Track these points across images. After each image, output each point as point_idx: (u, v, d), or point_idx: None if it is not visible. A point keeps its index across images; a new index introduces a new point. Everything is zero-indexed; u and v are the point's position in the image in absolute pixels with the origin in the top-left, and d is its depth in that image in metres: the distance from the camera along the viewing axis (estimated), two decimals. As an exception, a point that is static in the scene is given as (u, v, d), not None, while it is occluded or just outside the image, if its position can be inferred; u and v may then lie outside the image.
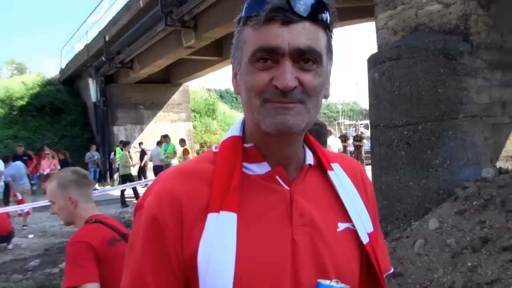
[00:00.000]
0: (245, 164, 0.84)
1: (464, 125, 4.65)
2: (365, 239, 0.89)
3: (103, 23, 17.82)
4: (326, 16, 0.79)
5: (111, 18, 16.69)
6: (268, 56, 0.77)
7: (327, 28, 0.81)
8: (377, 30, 5.75)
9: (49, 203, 2.20)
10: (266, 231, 0.80)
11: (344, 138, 14.96)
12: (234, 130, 0.90)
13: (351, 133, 16.06)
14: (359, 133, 14.82)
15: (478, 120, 4.77)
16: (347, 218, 0.89)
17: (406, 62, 4.84)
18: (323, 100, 0.87)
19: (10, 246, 7.75)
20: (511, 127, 5.12)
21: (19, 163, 10.29)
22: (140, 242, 0.79)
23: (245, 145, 0.86)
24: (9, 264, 6.71)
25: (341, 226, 0.88)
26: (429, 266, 3.76)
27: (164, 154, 13.38)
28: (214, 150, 0.89)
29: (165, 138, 13.84)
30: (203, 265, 0.75)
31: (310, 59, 0.78)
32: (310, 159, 0.91)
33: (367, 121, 18.25)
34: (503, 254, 3.42)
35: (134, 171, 13.84)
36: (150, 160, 13.39)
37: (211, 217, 0.78)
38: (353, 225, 0.89)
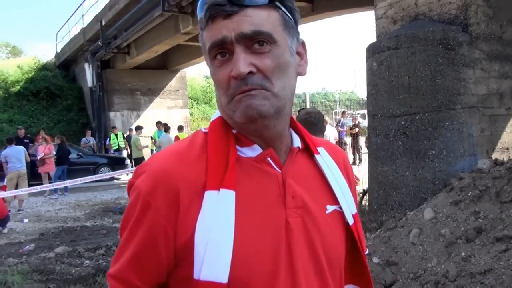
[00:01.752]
0: (237, 146, 0.85)
1: (461, 116, 4.65)
2: (350, 221, 0.92)
3: (99, 7, 17.70)
4: None
5: (107, 2, 16.50)
6: (223, 50, 0.79)
7: (278, 7, 0.81)
8: (376, 19, 5.71)
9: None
10: (261, 212, 0.81)
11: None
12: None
13: (348, 122, 15.99)
14: (356, 122, 14.77)
15: (475, 111, 4.77)
16: (334, 200, 0.91)
17: (405, 52, 4.81)
18: (299, 77, 0.89)
19: (5, 230, 7.75)
20: (507, 118, 5.13)
21: (18, 146, 10.23)
22: (131, 223, 0.80)
23: (233, 130, 0.86)
24: (4, 248, 6.72)
25: (330, 208, 0.90)
26: (423, 255, 3.79)
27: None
28: (204, 130, 0.90)
29: (157, 124, 13.96)
30: (201, 244, 0.75)
31: (263, 41, 0.78)
32: (297, 142, 0.92)
33: (364, 111, 18.25)
34: (496, 244, 3.45)
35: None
36: (159, 147, 13.42)
37: (209, 195, 0.78)
38: (340, 207, 0.91)
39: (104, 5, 16.86)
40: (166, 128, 13.14)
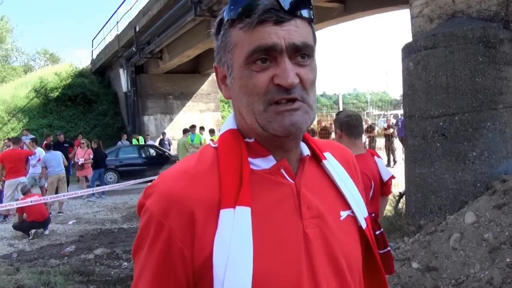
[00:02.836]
0: (249, 159, 0.83)
1: (503, 116, 4.48)
2: (363, 224, 0.92)
3: (133, 14, 18.10)
4: (310, 12, 0.81)
5: (141, 8, 16.87)
6: (266, 56, 0.77)
7: (312, 22, 0.83)
8: (412, 17, 5.59)
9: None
10: (278, 226, 0.80)
11: (370, 129, 14.67)
12: (230, 124, 0.88)
13: (382, 123, 15.72)
14: (390, 123, 14.51)
15: (519, 111, 4.58)
16: (346, 205, 0.91)
17: (443, 51, 4.69)
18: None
19: (46, 232, 8.04)
20: (553, 118, 4.90)
21: (56, 151, 10.60)
22: (146, 248, 0.78)
23: (247, 139, 0.85)
24: (46, 249, 6.97)
25: (343, 214, 0.90)
26: (465, 261, 3.67)
27: (190, 144, 13.72)
28: (213, 145, 0.87)
29: (192, 128, 14.13)
30: (220, 264, 0.73)
31: (306, 53, 0.79)
32: (305, 150, 0.91)
33: (397, 111, 17.86)
34: (544, 250, 3.30)
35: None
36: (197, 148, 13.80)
37: (225, 213, 0.76)
38: (353, 212, 0.91)
39: (137, 12, 17.25)
40: (211, 130, 13.61)
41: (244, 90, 0.80)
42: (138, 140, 16.49)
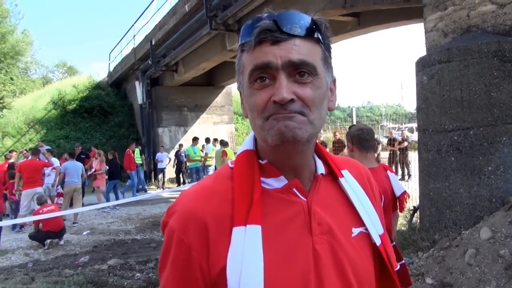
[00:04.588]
0: (262, 179, 0.87)
1: (519, 131, 4.43)
2: (377, 241, 0.94)
3: (149, 27, 18.40)
4: (317, 33, 0.84)
5: (157, 22, 17.15)
6: (264, 74, 0.81)
7: (321, 42, 0.85)
8: (426, 32, 5.59)
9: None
10: (288, 243, 0.83)
11: (393, 142, 14.45)
12: (247, 144, 0.93)
13: (397, 136, 15.56)
14: (405, 136, 14.38)
15: (535, 126, 4.52)
16: (360, 222, 0.93)
17: (457, 65, 4.67)
18: (329, 111, 0.92)
19: (61, 242, 8.13)
20: None
21: (78, 163, 10.75)
22: (169, 263, 0.84)
23: (260, 161, 0.89)
24: (61, 259, 7.05)
25: (355, 231, 0.92)
26: (480, 277, 3.61)
27: (193, 156, 13.84)
28: (230, 165, 0.92)
29: (194, 141, 14.25)
30: (233, 277, 0.78)
31: (306, 71, 0.81)
32: (321, 168, 0.94)
33: (412, 125, 17.70)
34: (562, 267, 3.24)
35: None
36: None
37: (237, 231, 0.80)
38: (366, 229, 0.93)
39: (154, 26, 17.54)
40: (225, 143, 13.63)
41: (249, 107, 0.86)
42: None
